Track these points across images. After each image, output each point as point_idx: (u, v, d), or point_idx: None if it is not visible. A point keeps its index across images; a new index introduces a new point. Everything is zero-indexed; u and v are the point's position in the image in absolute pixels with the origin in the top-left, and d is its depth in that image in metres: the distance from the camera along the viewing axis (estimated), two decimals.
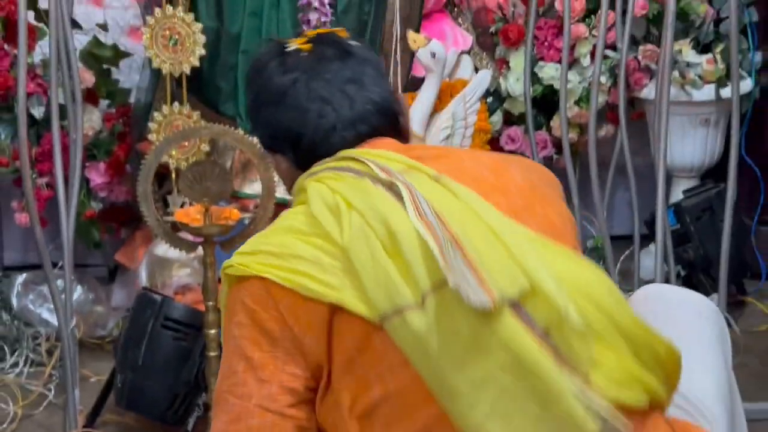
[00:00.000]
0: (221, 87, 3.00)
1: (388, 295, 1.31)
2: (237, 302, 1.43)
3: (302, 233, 1.40)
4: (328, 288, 1.35)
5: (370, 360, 1.35)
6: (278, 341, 1.39)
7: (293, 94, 1.52)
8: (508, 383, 1.27)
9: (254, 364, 1.41)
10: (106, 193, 3.13)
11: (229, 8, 2.95)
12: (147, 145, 2.93)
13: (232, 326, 1.44)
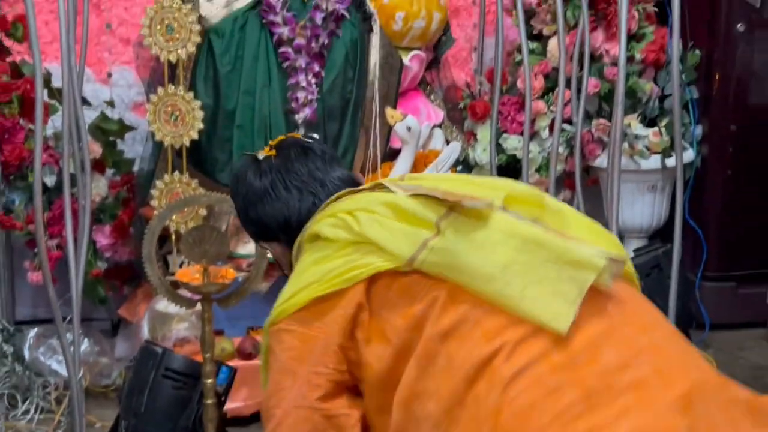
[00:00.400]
0: (218, 158, 3.00)
1: (409, 242, 1.42)
2: (282, 333, 1.52)
3: (326, 257, 1.50)
4: (358, 270, 1.44)
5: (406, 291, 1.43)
6: (314, 349, 1.48)
7: (273, 191, 1.64)
8: (526, 259, 1.37)
9: (290, 374, 1.50)
10: (110, 254, 3.11)
11: (225, 87, 2.97)
12: (149, 210, 2.95)
13: (277, 352, 1.52)
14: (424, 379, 1.38)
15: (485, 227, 1.42)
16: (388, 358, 1.43)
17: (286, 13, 2.95)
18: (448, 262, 1.41)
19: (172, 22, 2.86)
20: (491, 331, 1.35)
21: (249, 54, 2.96)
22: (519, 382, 1.30)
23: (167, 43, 2.87)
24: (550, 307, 1.34)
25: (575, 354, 1.32)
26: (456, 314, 1.38)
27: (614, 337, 1.35)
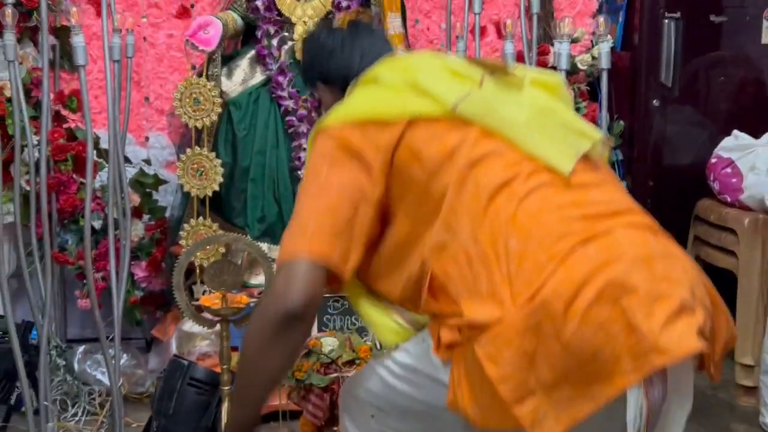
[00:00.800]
0: (234, 205, 3.04)
1: (456, 91, 1.47)
2: (326, 139, 1.49)
3: (380, 94, 1.53)
4: (404, 111, 1.47)
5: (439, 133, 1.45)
6: (353, 154, 1.46)
7: (341, 49, 1.67)
8: (542, 121, 1.46)
9: (340, 173, 1.45)
10: (146, 284, 3.14)
11: (241, 148, 3.01)
12: (178, 248, 3.01)
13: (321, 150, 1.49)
14: (458, 200, 1.39)
15: (516, 92, 1.50)
16: (424, 182, 1.44)
17: (291, 90, 2.98)
18: (484, 111, 1.45)
19: (198, 96, 2.92)
20: (511, 162, 1.41)
21: (261, 121, 3.01)
22: (531, 196, 1.37)
23: (195, 113, 2.92)
24: (556, 155, 1.42)
25: (573, 189, 1.40)
26: (483, 148, 1.42)
27: (599, 186, 1.45)
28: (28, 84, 2.93)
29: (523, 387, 1.28)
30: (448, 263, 1.39)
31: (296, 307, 1.37)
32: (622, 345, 1.25)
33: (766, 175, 3.00)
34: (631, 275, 1.29)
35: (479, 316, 1.32)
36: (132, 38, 2.92)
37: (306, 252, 1.39)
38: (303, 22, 3.01)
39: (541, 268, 1.31)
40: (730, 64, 3.50)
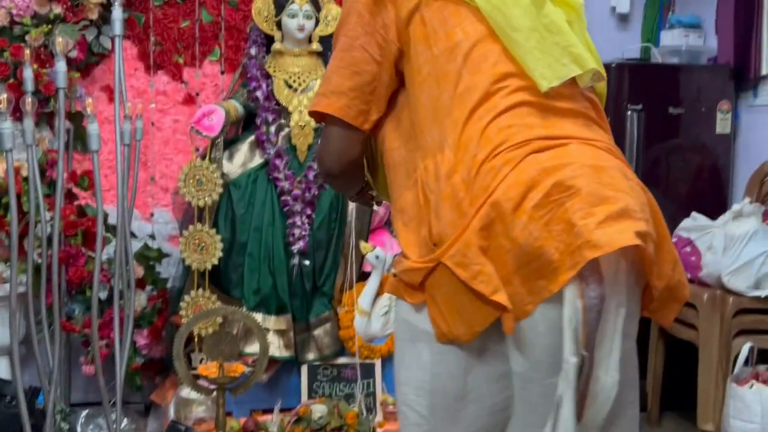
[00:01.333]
0: (232, 278, 3.02)
1: None
2: None
3: None
4: None
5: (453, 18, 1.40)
6: (376, 9, 1.42)
7: None
8: (545, 35, 1.39)
9: (365, 27, 1.43)
10: (146, 351, 3.10)
11: (240, 225, 3.01)
12: (178, 318, 2.97)
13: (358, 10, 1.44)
14: (449, 102, 1.37)
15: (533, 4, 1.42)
16: (425, 60, 1.41)
17: (287, 172, 2.99)
18: (493, 6, 1.39)
19: (201, 178, 2.93)
20: (500, 73, 1.37)
21: (258, 200, 3.01)
22: (506, 113, 1.34)
23: (198, 193, 2.93)
24: (542, 70, 1.36)
25: (547, 113, 1.36)
26: (482, 52, 1.38)
27: (574, 117, 1.39)
28: (44, 164, 2.96)
29: (494, 281, 1.30)
30: (431, 169, 1.38)
31: (331, 170, 1.51)
32: (563, 242, 1.25)
33: (722, 255, 3.01)
34: (577, 179, 1.28)
35: (447, 229, 1.33)
36: (141, 123, 2.94)
37: (329, 110, 1.43)
38: (298, 111, 3.05)
39: (496, 171, 1.31)
40: (687, 151, 3.55)
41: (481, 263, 1.29)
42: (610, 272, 1.28)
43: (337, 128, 1.44)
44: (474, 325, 1.32)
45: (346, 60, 1.43)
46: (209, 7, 3.25)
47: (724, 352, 2.94)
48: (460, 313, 1.33)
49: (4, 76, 2.92)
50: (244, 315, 2.60)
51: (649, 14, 3.96)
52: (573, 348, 1.24)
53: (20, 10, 2.91)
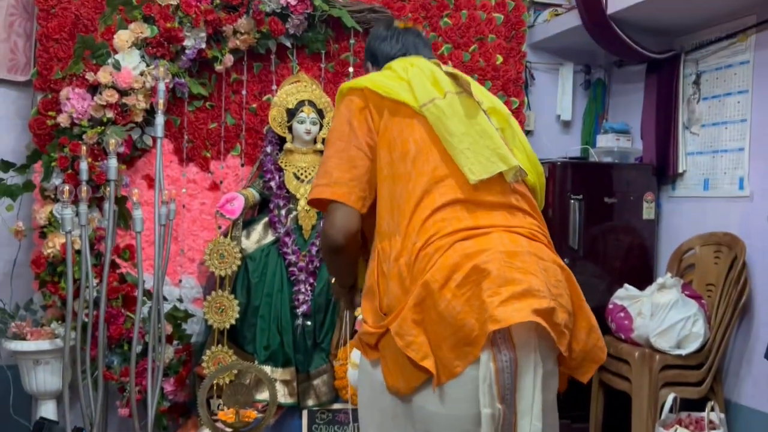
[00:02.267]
0: (246, 335, 3.04)
1: (428, 95, 1.52)
2: (347, 101, 1.55)
3: (386, 76, 1.59)
4: (395, 93, 1.53)
5: (407, 129, 1.50)
6: (363, 119, 1.52)
7: (391, 39, 1.73)
8: (477, 139, 1.48)
9: (353, 127, 1.51)
10: (172, 396, 3.10)
11: (254, 291, 3.04)
12: (200, 369, 3.00)
13: (343, 111, 1.54)
14: (401, 197, 1.45)
15: (468, 111, 1.52)
16: (386, 163, 1.49)
17: (294, 247, 3.05)
18: (436, 117, 1.49)
19: (223, 252, 3.00)
20: (439, 176, 1.45)
21: (270, 271, 3.05)
22: (442, 209, 1.42)
23: (220, 264, 3.00)
24: (471, 166, 1.45)
25: (477, 206, 1.44)
26: (426, 157, 1.47)
27: (501, 208, 1.46)
28: (93, 239, 3.02)
29: (423, 349, 1.34)
30: (386, 251, 1.44)
31: (337, 243, 1.48)
32: (480, 316, 1.31)
33: (650, 320, 3.07)
34: (490, 263, 1.35)
35: (392, 302, 1.39)
36: (174, 205, 3.02)
37: (334, 197, 1.47)
38: (305, 198, 3.11)
39: (429, 257, 1.38)
40: (620, 233, 3.60)
41: (413, 334, 1.35)
42: (522, 340, 1.34)
43: (340, 209, 1.48)
44: (410, 381, 1.37)
45: (344, 158, 1.50)
46: (233, 112, 3.34)
47: (652, 401, 2.98)
48: (401, 371, 1.38)
49: (64, 167, 2.98)
50: (256, 369, 2.62)
51: (587, 121, 4.07)
52: (487, 401, 1.31)
53: (80, 114, 2.99)
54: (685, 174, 3.63)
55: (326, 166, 1.50)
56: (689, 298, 3.11)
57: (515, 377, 1.33)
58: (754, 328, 3.19)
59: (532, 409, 1.34)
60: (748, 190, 3.28)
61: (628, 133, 3.90)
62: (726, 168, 3.42)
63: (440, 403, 1.36)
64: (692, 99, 3.61)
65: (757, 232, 3.17)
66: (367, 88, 1.55)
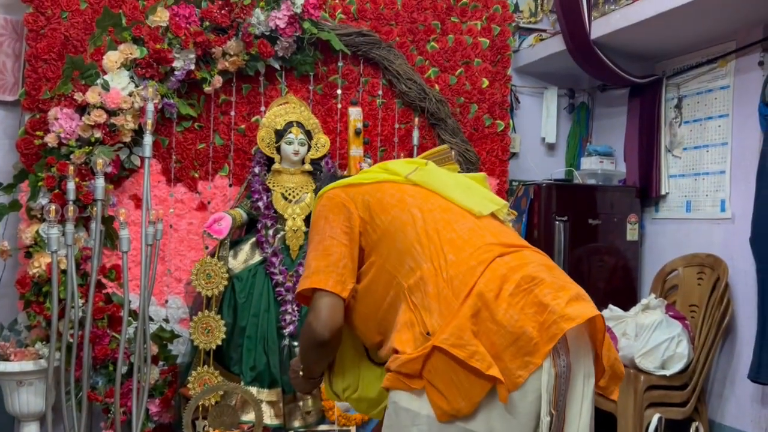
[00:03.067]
0: (232, 356, 3.01)
1: (408, 168, 1.56)
2: (323, 200, 1.56)
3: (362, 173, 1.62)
4: (373, 177, 1.56)
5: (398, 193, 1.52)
6: (339, 209, 1.52)
7: None
8: (466, 188, 1.55)
9: (328, 220, 1.52)
10: (157, 417, 3.06)
11: (240, 312, 3.01)
12: (186, 390, 2.96)
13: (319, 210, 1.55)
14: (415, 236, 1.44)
15: (449, 172, 1.62)
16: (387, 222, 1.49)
17: (281, 267, 3.03)
18: (426, 178, 1.55)
19: (210, 272, 2.98)
20: (446, 208, 1.49)
21: (257, 291, 3.03)
22: (464, 231, 1.44)
23: (207, 285, 2.97)
24: (475, 206, 1.50)
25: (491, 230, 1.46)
26: (426, 200, 1.50)
27: (507, 233, 1.50)
28: (79, 259, 2.98)
29: (487, 358, 1.30)
30: (413, 282, 1.42)
31: (322, 338, 1.44)
32: (537, 321, 1.29)
33: (634, 340, 3.09)
34: (539, 272, 1.36)
35: (437, 319, 1.35)
36: (161, 225, 3.00)
37: (313, 285, 1.45)
38: (292, 218, 3.12)
39: (473, 270, 1.36)
40: (604, 254, 3.63)
41: (475, 344, 1.31)
42: (573, 346, 1.34)
43: (322, 299, 1.44)
44: (473, 396, 1.31)
45: (320, 249, 1.50)
46: (221, 132, 3.34)
47: (637, 421, 2.97)
48: (458, 389, 1.31)
49: (51, 187, 2.96)
50: (243, 390, 2.59)
51: (572, 144, 4.12)
52: (546, 408, 1.30)
53: (67, 134, 2.98)
54: (668, 196, 3.67)
55: (306, 262, 1.52)
56: (673, 318, 3.13)
57: (568, 383, 1.33)
58: (737, 349, 3.21)
59: (580, 418, 1.33)
60: (730, 212, 3.31)
61: (612, 155, 3.95)
62: (708, 190, 3.46)
63: (507, 416, 1.31)
64: (674, 122, 3.66)
65: (739, 254, 3.19)
66: (347, 183, 1.58)
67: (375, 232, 1.51)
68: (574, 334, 1.33)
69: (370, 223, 1.52)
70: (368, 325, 1.52)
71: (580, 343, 1.36)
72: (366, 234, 1.52)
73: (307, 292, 1.48)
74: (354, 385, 1.61)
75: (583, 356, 1.36)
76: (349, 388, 1.61)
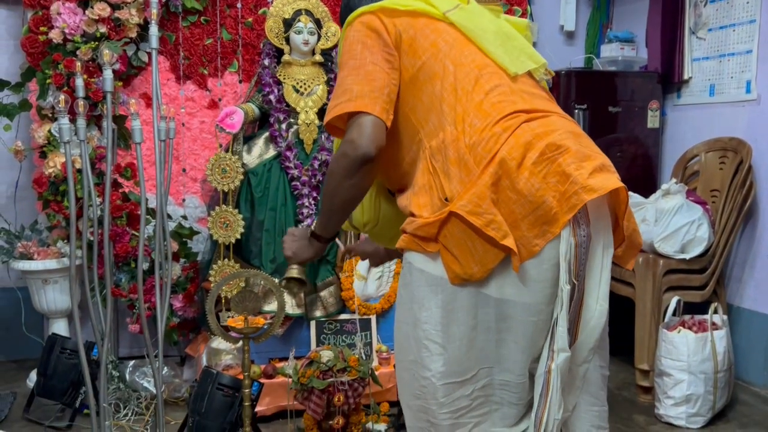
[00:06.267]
0: (252, 249, 3.01)
1: (450, 3, 1.46)
2: (355, 25, 1.45)
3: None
4: (411, 5, 1.43)
5: (433, 33, 1.42)
6: (376, 36, 1.42)
7: None
8: (504, 39, 1.43)
9: (366, 45, 1.41)
10: (181, 313, 3.12)
11: (257, 206, 3.00)
12: (208, 284, 3.01)
13: (353, 35, 1.43)
14: (442, 90, 1.37)
15: (492, 15, 1.49)
16: (416, 68, 1.41)
17: (296, 162, 2.99)
18: (465, 20, 1.44)
19: (225, 167, 2.94)
20: (479, 63, 1.39)
21: (273, 186, 3.01)
22: (493, 91, 1.36)
23: (222, 180, 2.95)
24: (510, 62, 1.40)
25: (522, 92, 1.38)
26: (460, 50, 1.40)
27: (540, 96, 1.42)
28: (93, 158, 2.98)
29: (503, 228, 1.28)
30: (435, 145, 1.37)
31: (369, 151, 1.34)
32: (558, 191, 1.27)
33: (654, 225, 3.05)
34: (564, 140, 1.31)
35: (456, 186, 1.32)
36: (173, 124, 2.93)
37: (359, 108, 1.36)
38: (305, 111, 3.06)
39: (497, 137, 1.31)
40: (624, 143, 3.56)
41: (493, 213, 1.28)
42: (594, 216, 1.31)
43: (367, 117, 1.36)
44: (486, 263, 1.30)
45: (361, 74, 1.39)
46: (228, 27, 3.25)
47: (656, 304, 2.98)
48: (473, 255, 1.30)
49: (59, 84, 2.92)
50: (265, 277, 2.56)
51: (591, 31, 3.99)
52: (566, 277, 1.28)
53: (72, 30, 2.91)
54: (691, 80, 3.55)
55: (343, 85, 1.40)
56: (694, 203, 3.07)
57: (588, 253, 1.31)
58: (758, 232, 3.17)
59: (599, 287, 1.32)
60: (756, 93, 3.19)
61: (633, 41, 3.80)
62: (733, 72, 3.32)
63: (519, 286, 1.30)
64: (699, 2, 3.49)
65: (765, 135, 3.10)
66: (381, 7, 1.45)
67: (404, 74, 1.42)
68: (596, 205, 1.31)
69: (402, 63, 1.43)
70: (390, 172, 1.48)
71: (601, 213, 1.33)
72: (403, 69, 1.44)
73: (343, 117, 1.38)
74: (374, 220, 1.58)
75: (603, 227, 1.34)
76: (369, 222, 1.57)
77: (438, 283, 1.35)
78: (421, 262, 1.37)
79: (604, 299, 1.32)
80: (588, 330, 1.33)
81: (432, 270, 1.35)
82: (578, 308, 1.31)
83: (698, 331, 2.88)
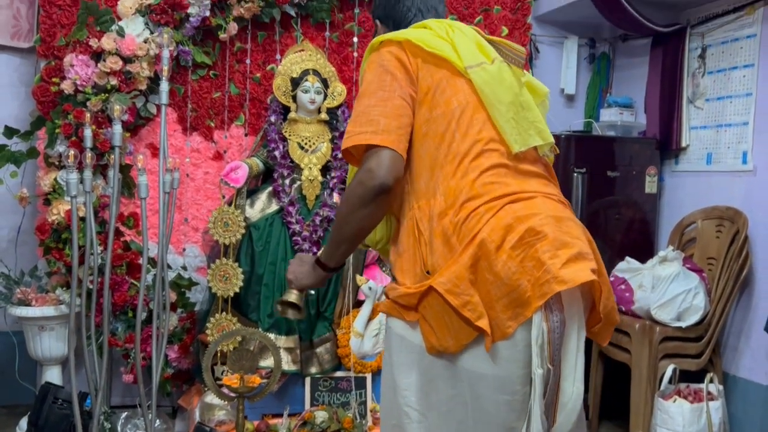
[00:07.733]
0: (250, 303, 3.02)
1: (475, 58, 1.45)
2: (384, 53, 1.45)
3: (426, 33, 1.48)
4: (440, 50, 1.44)
5: (450, 88, 1.43)
6: (404, 71, 1.43)
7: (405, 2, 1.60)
8: (518, 109, 1.44)
9: (396, 77, 1.42)
10: (176, 363, 3.10)
11: (258, 260, 3.01)
12: (204, 336, 2.99)
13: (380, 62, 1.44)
14: (438, 156, 1.39)
15: (513, 81, 1.47)
16: (424, 119, 1.42)
17: (298, 217, 3.02)
18: (485, 82, 1.43)
19: (228, 220, 2.97)
20: (484, 139, 1.41)
21: (274, 240, 3.02)
22: (488, 171, 1.38)
23: (224, 233, 2.97)
24: (515, 136, 1.42)
25: (518, 173, 1.41)
26: (471, 118, 1.42)
27: (536, 176, 1.44)
28: (97, 207, 2.99)
29: (479, 309, 1.31)
30: (423, 206, 1.40)
31: (387, 181, 1.34)
32: (533, 276, 1.30)
33: (651, 292, 3.06)
34: (544, 226, 1.33)
35: (438, 260, 1.35)
36: (178, 174, 2.98)
37: (385, 143, 1.36)
38: (309, 168, 3.10)
39: (479, 216, 1.34)
40: (622, 207, 3.59)
41: (470, 294, 1.32)
42: (567, 302, 1.35)
43: (386, 151, 1.37)
44: (461, 339, 1.34)
45: (389, 107, 1.40)
46: (236, 81, 3.30)
47: (652, 372, 2.98)
48: (449, 329, 1.34)
49: (68, 134, 2.95)
50: (261, 335, 2.61)
51: (591, 95, 4.04)
52: (538, 361, 1.30)
53: (83, 81, 2.96)
54: (689, 148, 3.60)
55: (369, 114, 1.39)
56: (690, 271, 3.10)
57: (562, 339, 1.34)
58: (753, 302, 3.18)
59: (575, 371, 1.35)
60: (752, 164, 3.25)
61: (632, 107, 3.86)
62: (729, 142, 3.39)
63: (491, 363, 1.33)
64: (697, 73, 3.57)
65: (760, 207, 3.14)
66: (408, 41, 1.45)
67: (419, 124, 1.45)
68: (569, 292, 1.34)
69: (419, 109, 1.45)
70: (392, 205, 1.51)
71: (574, 299, 1.37)
72: (416, 115, 1.46)
73: (363, 146, 1.39)
74: (385, 238, 1.59)
75: (576, 312, 1.37)
76: (382, 240, 1.59)
77: (417, 351, 1.39)
78: (401, 329, 1.42)
79: (580, 381, 1.36)
80: (566, 413, 1.36)
81: (411, 338, 1.40)
82: (555, 392, 1.34)
83: (694, 400, 2.88)
